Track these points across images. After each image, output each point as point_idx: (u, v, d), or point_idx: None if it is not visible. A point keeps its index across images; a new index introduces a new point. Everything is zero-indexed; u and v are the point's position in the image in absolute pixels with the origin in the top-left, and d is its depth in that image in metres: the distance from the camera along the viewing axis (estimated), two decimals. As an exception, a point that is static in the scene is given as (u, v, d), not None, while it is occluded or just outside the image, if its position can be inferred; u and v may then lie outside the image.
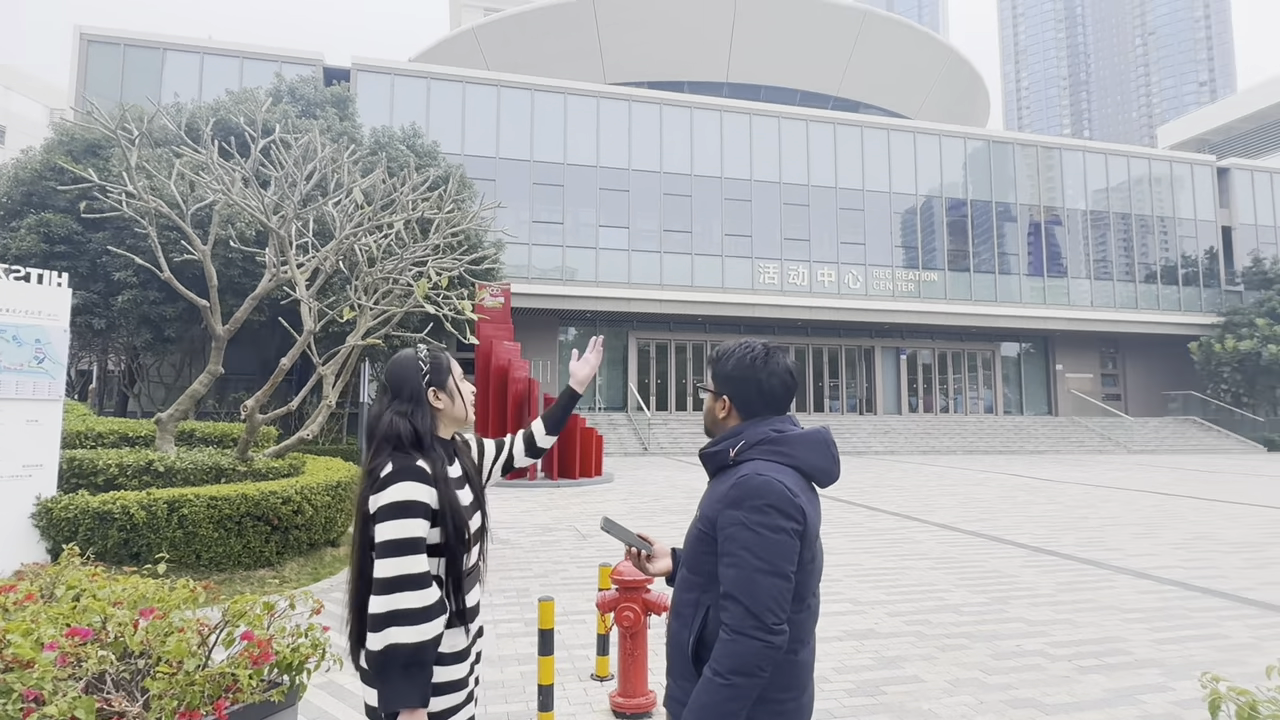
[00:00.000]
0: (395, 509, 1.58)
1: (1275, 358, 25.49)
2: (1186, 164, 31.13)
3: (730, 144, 25.56)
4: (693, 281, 24.60)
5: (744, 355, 1.60)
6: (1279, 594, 5.65)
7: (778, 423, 1.56)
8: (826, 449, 1.53)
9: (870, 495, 11.96)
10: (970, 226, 27.69)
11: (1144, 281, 29.47)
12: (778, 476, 1.43)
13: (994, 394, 29.93)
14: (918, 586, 5.82)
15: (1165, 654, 4.25)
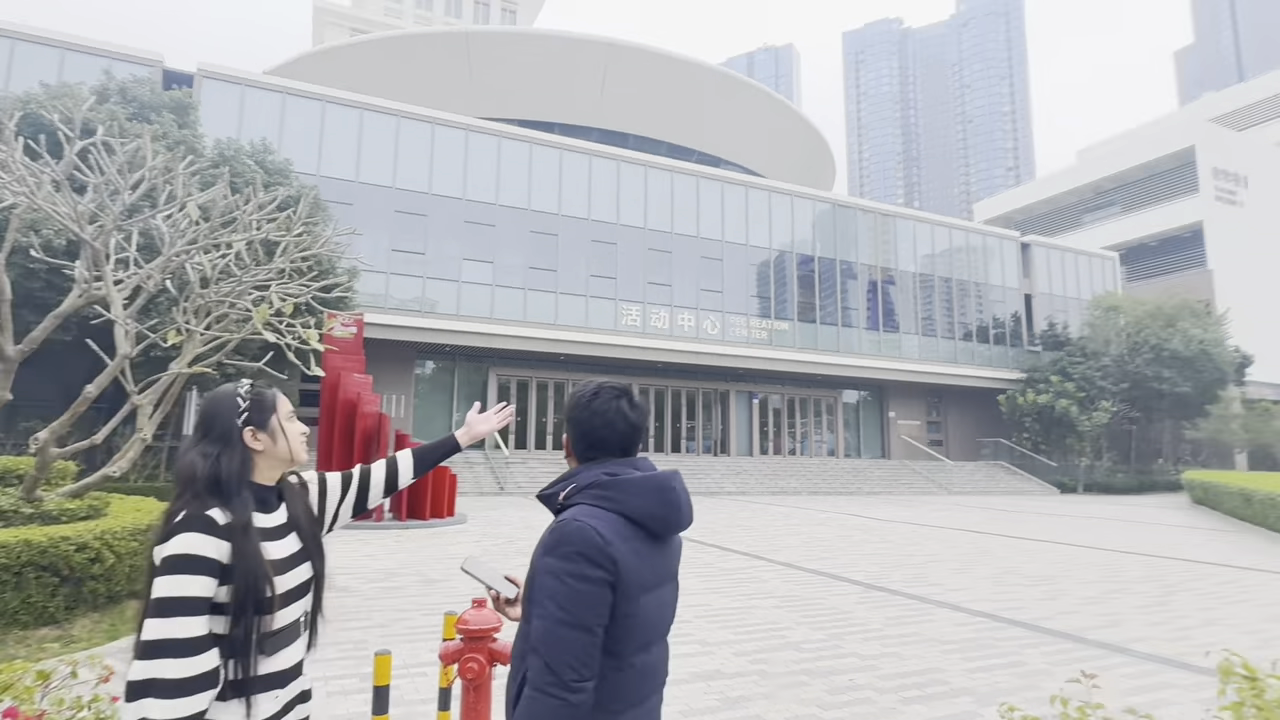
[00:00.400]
0: (173, 563, 1.42)
1: (1065, 410, 29.15)
2: (997, 238, 35.37)
3: (598, 187, 26.08)
4: (556, 320, 24.62)
5: (577, 396, 1.58)
6: (1067, 623, 6.36)
7: (614, 466, 1.50)
8: (661, 495, 1.45)
9: (722, 535, 12.31)
10: (817, 282, 29.78)
11: (963, 339, 32.88)
12: (593, 523, 1.37)
13: (836, 438, 32.01)
14: (762, 625, 6.02)
15: (976, 682, 4.64)
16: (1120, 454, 33.26)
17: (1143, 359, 30.47)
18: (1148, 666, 5.06)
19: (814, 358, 28.66)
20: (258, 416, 1.65)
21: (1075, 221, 55.31)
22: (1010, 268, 34.98)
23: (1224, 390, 31.72)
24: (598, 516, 1.39)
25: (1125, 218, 51.35)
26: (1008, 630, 6.05)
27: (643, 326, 25.82)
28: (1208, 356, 30.14)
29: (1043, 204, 58.74)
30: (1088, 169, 56.27)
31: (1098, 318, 33.36)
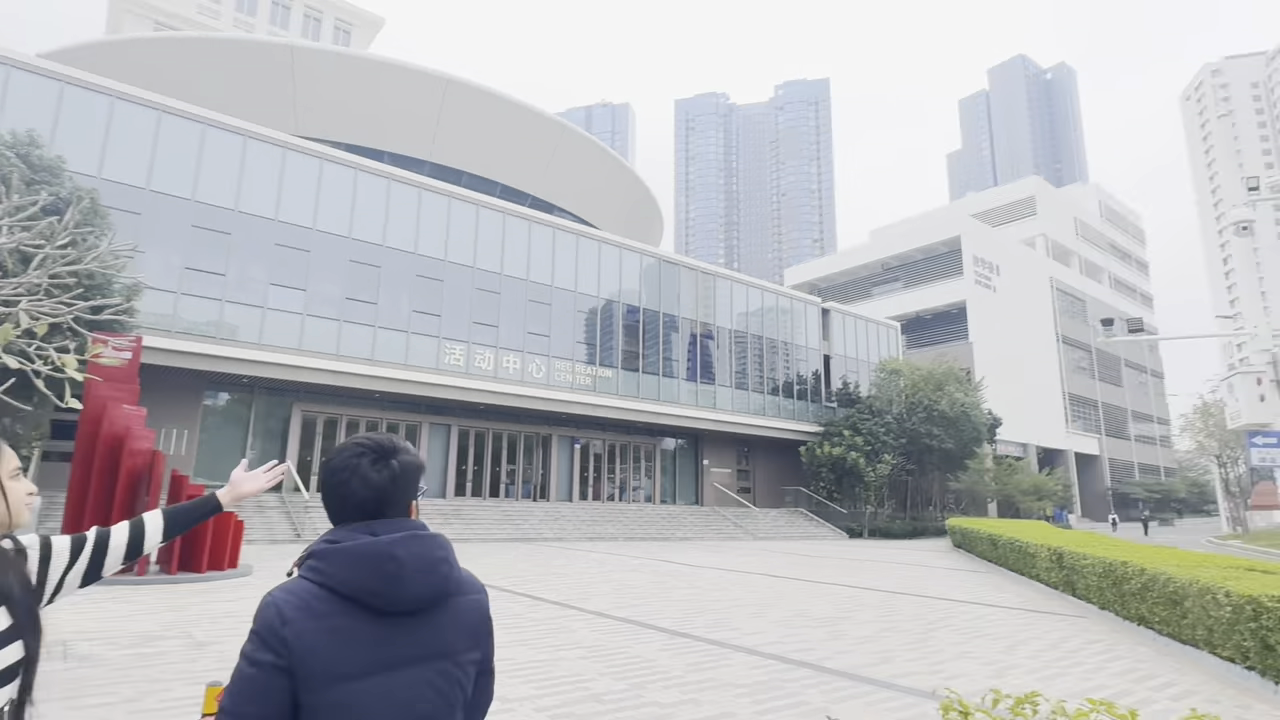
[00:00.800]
0: None
1: (855, 462, 32.17)
2: (803, 302, 38.77)
3: (427, 222, 25.38)
4: (374, 355, 23.35)
5: (329, 460, 1.45)
6: (845, 661, 6.93)
7: (344, 532, 1.36)
8: (376, 565, 1.28)
9: (534, 584, 12.11)
10: (642, 332, 30.82)
11: (771, 394, 35.39)
12: (283, 598, 1.25)
13: (653, 484, 32.91)
14: (567, 678, 5.98)
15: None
16: (899, 502, 37.16)
17: (918, 418, 34.50)
18: (909, 699, 5.63)
19: (636, 405, 29.44)
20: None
21: (867, 292, 62.11)
22: (813, 330, 38.41)
23: (980, 447, 36.66)
24: (294, 591, 1.26)
25: (906, 292, 58.51)
26: (794, 671, 6.47)
27: (466, 367, 25.19)
28: (968, 418, 34.78)
29: (841, 275, 65.34)
30: (878, 247, 63.70)
31: (883, 379, 37.44)
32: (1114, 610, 9.51)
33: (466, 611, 1.41)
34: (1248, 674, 6.36)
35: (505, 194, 33.77)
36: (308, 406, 24.11)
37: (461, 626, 1.39)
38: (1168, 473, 72.61)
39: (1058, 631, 8.82)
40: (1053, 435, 56.84)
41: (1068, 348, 62.77)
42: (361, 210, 23.98)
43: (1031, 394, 54.40)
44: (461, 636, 1.39)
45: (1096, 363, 66.73)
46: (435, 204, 25.71)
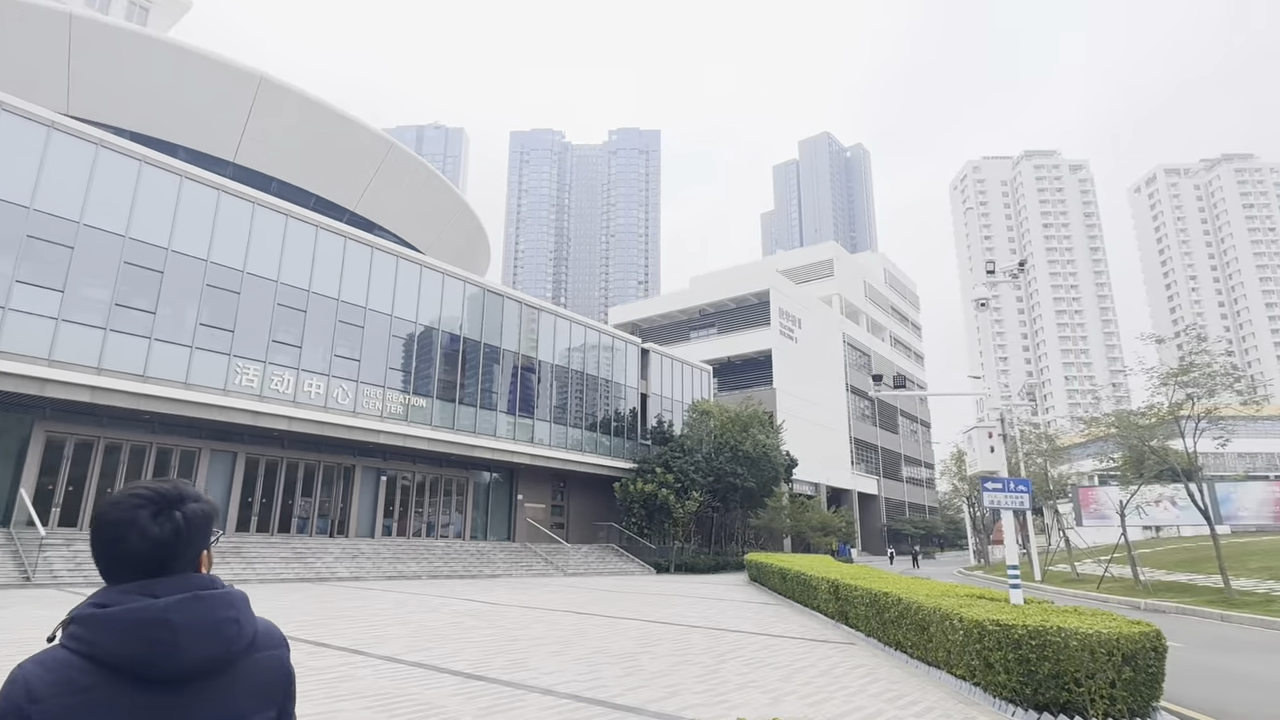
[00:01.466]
0: None
1: (665, 499, 33.27)
2: (624, 342, 39.85)
3: (226, 228, 23.13)
4: (146, 371, 20.65)
5: (100, 508, 1.32)
6: (636, 697, 7.07)
7: (115, 594, 1.23)
8: (145, 632, 1.18)
9: (319, 629, 11.18)
10: (461, 361, 30.00)
11: (588, 429, 35.79)
12: (33, 673, 1.13)
13: (465, 519, 31.81)
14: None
15: (548, 766, 4.86)
16: (704, 538, 38.85)
17: (724, 457, 36.48)
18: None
19: (451, 437, 28.45)
20: None
21: (685, 335, 65.22)
22: (632, 369, 39.53)
23: (778, 486, 39.42)
24: (49, 665, 1.14)
25: (720, 338, 62.20)
26: (588, 709, 6.50)
27: (261, 389, 23.02)
28: (769, 458, 37.35)
29: (662, 317, 68.14)
30: (697, 293, 67.33)
31: (694, 420, 39.26)
32: (877, 637, 10.57)
33: (260, 670, 1.32)
34: (974, 689, 7.34)
35: (320, 207, 31.71)
36: (55, 427, 20.76)
37: (253, 688, 1.29)
38: (931, 511, 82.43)
39: (830, 659, 9.62)
40: (840, 476, 62.54)
41: (854, 397, 69.71)
42: (144, 207, 21.36)
43: (823, 437, 59.71)
44: (252, 699, 1.28)
45: (878, 412, 74.69)
46: (237, 209, 23.54)
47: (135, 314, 20.75)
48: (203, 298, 22.27)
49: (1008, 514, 9.74)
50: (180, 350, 21.55)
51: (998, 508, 9.52)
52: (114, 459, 22.03)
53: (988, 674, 6.95)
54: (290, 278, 24.51)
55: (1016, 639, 6.52)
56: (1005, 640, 6.63)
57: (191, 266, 22.13)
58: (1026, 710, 6.48)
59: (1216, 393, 15.89)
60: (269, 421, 23.12)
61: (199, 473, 23.62)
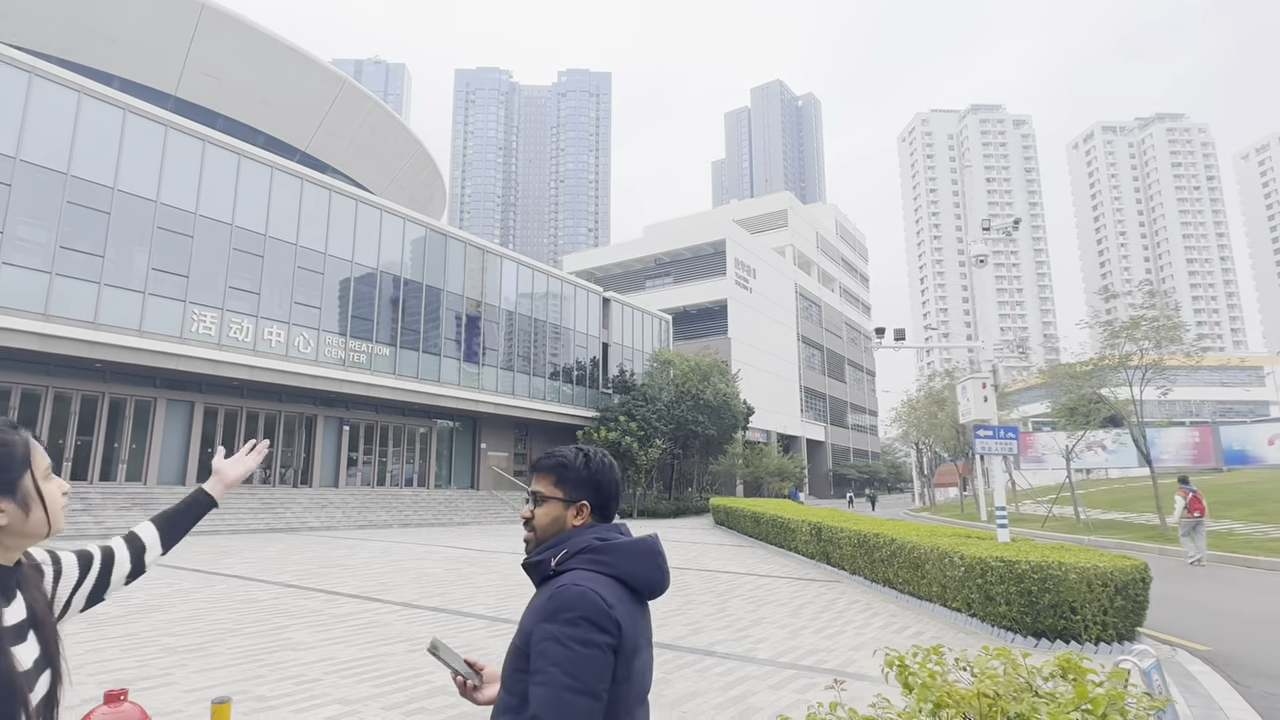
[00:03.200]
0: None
1: (629, 446, 33.79)
2: (585, 290, 39.64)
3: (175, 167, 21.90)
4: (96, 318, 19.70)
5: (592, 458, 1.61)
6: (667, 635, 7.42)
7: (603, 530, 1.53)
8: (653, 559, 1.50)
9: (322, 578, 11.22)
10: (422, 309, 29.43)
11: (550, 378, 35.81)
12: (594, 587, 1.37)
13: (428, 468, 31.74)
14: (403, 673, 5.72)
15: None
16: (664, 484, 39.72)
17: (686, 405, 37.09)
18: (730, 664, 6.23)
19: (414, 385, 28.11)
20: (3, 477, 1.17)
21: (640, 285, 65.14)
22: (594, 318, 39.48)
23: (737, 434, 40.38)
24: (594, 581, 1.39)
25: (676, 287, 62.34)
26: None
27: (219, 338, 22.24)
28: (729, 406, 38.14)
29: (617, 266, 67.77)
30: (651, 242, 67.04)
31: (655, 369, 39.65)
32: (864, 575, 11.20)
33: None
34: (970, 619, 7.94)
35: (270, 146, 30.18)
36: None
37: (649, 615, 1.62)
38: (874, 456, 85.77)
39: (825, 596, 10.19)
40: (790, 423, 64.30)
41: (805, 346, 71.25)
42: (86, 143, 20.04)
43: (776, 386, 61.11)
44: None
45: (826, 361, 76.61)
46: (185, 147, 22.28)
47: (82, 257, 19.65)
48: (154, 241, 21.19)
49: (997, 459, 10.39)
50: (132, 296, 20.58)
51: (988, 453, 10.14)
52: (64, 409, 21.15)
53: (987, 606, 7.51)
54: (246, 221, 23.48)
55: (1020, 573, 7.07)
56: (1009, 575, 7.17)
57: (140, 208, 20.97)
58: (1025, 637, 7.08)
59: (1164, 345, 16.96)
60: (229, 371, 22.44)
61: (155, 423, 22.88)
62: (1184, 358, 17.20)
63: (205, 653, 6.30)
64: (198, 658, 6.11)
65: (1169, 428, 38.71)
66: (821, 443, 71.85)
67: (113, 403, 22.14)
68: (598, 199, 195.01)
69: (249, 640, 6.79)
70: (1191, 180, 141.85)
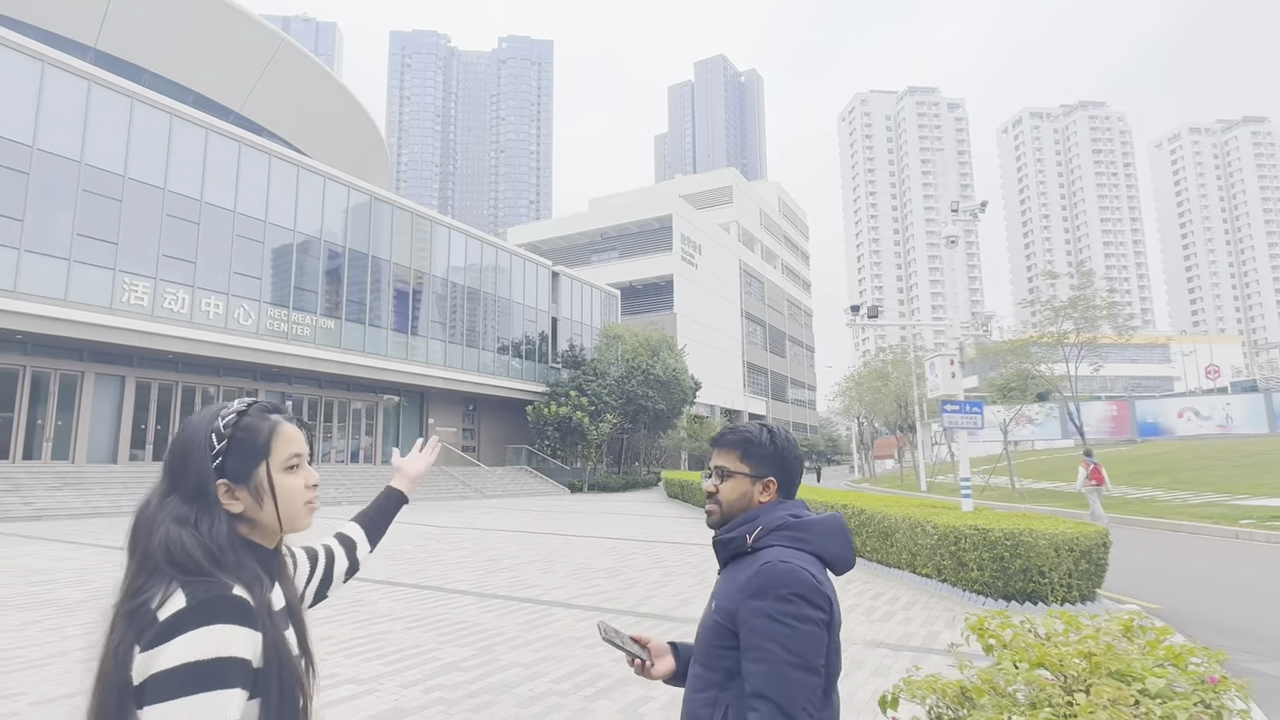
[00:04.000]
0: (195, 675, 0.90)
1: (580, 421, 33.80)
2: (534, 264, 39.14)
3: (100, 126, 20.51)
4: (16, 286, 18.43)
5: (777, 436, 1.59)
6: (656, 606, 7.56)
7: (792, 507, 1.53)
8: (844, 535, 1.51)
9: (287, 557, 10.92)
10: (368, 280, 28.56)
11: (499, 353, 35.38)
12: (801, 564, 1.38)
13: (375, 443, 31.07)
14: (408, 651, 5.67)
15: (630, 671, 5.23)
16: (614, 458, 39.95)
17: (636, 380, 37.26)
18: (728, 633, 6.39)
19: (358, 359, 27.36)
20: (237, 461, 1.10)
21: (586, 259, 64.66)
22: (543, 292, 39.08)
23: (686, 408, 40.84)
24: (799, 558, 1.40)
25: (622, 262, 62.17)
26: (620, 620, 6.90)
27: (152, 308, 21.11)
28: (678, 381, 38.49)
29: (562, 239, 67.12)
30: (596, 216, 66.59)
31: (605, 343, 39.62)
32: (829, 544, 11.58)
33: None
34: (941, 584, 8.34)
35: (202, 106, 28.53)
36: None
37: None
38: (812, 430, 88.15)
39: (796, 564, 10.51)
40: (734, 398, 65.38)
41: (748, 322, 72.31)
42: (0, 96, 18.54)
43: (720, 361, 61.92)
44: None
45: (768, 337, 77.99)
46: (112, 104, 20.87)
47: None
48: (79, 205, 19.86)
49: (962, 433, 10.87)
50: (56, 263, 19.31)
51: (955, 427, 10.60)
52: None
53: (960, 571, 7.91)
54: (179, 186, 22.23)
55: (993, 541, 7.46)
56: (982, 542, 7.56)
57: (63, 168, 19.60)
58: (996, 600, 7.49)
59: (1098, 324, 17.94)
60: (162, 343, 21.36)
61: (83, 398, 21.64)
62: (1115, 335, 18.24)
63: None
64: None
65: (1090, 402, 41.06)
66: (763, 417, 73.37)
67: (35, 377, 20.82)
68: (539, 170, 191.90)
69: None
70: (1110, 166, 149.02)
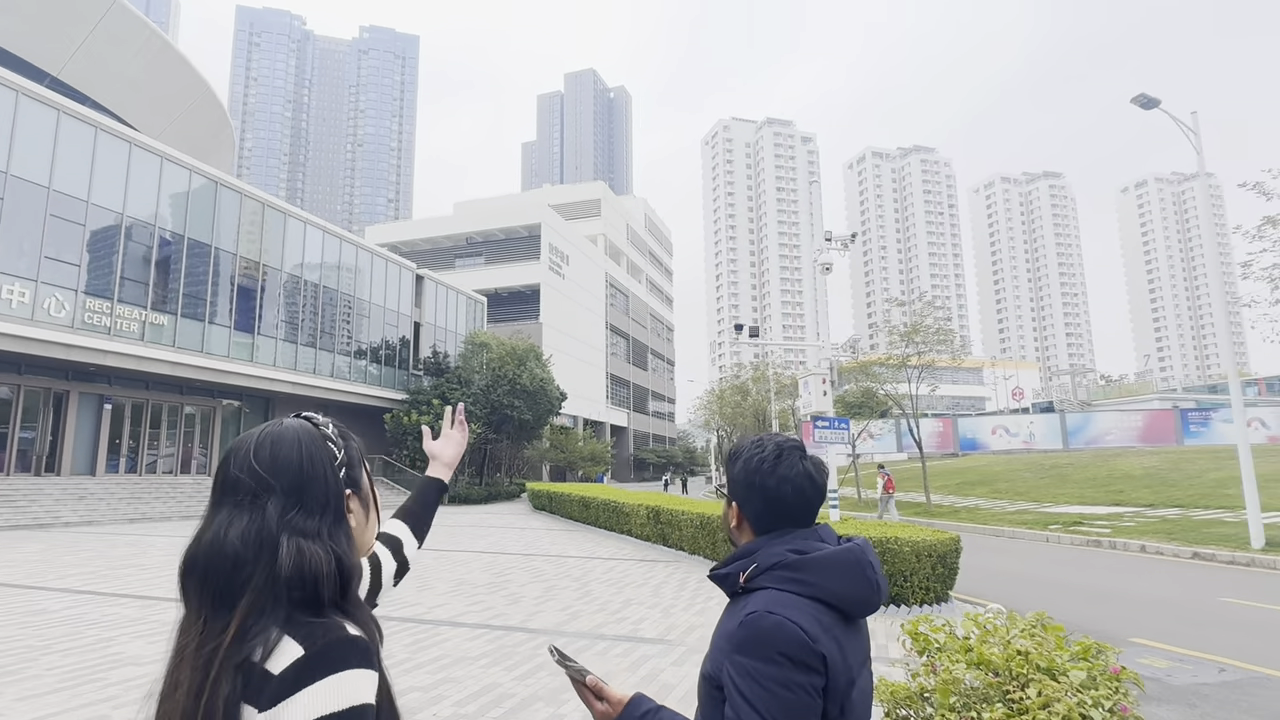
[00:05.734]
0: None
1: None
2: (396, 265, 37.48)
3: (-124, 75, 17.42)
4: None
5: (752, 456, 1.36)
6: (546, 621, 7.45)
7: (799, 540, 1.30)
8: (861, 572, 1.26)
9: (117, 580, 9.73)
10: (210, 274, 26.11)
11: (357, 357, 33.51)
12: (791, 616, 1.17)
13: (209, 453, 28.35)
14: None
15: (533, 689, 5.13)
16: (476, 469, 38.90)
17: (502, 390, 36.55)
18: (624, 645, 6.43)
19: (195, 360, 24.89)
20: (354, 472, 1.05)
21: (450, 263, 62.81)
22: (405, 295, 37.49)
23: (552, 419, 40.57)
24: (793, 606, 1.19)
25: (489, 269, 60.99)
26: (512, 636, 6.75)
27: (-63, 293, 18.14)
28: (545, 391, 38.17)
29: (425, 241, 64.85)
30: (463, 220, 65.00)
31: (470, 351, 38.61)
32: (704, 554, 11.95)
33: None
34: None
35: (11, 64, 24.97)
36: None
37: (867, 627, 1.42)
38: (671, 442, 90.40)
39: (676, 576, 10.74)
40: (597, 409, 65.78)
41: (612, 334, 73.17)
42: None
43: (584, 373, 62.15)
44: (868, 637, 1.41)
45: (631, 350, 79.28)
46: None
47: None
48: None
49: (830, 446, 11.60)
50: None
51: (825, 443, 11.31)
52: None
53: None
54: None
55: (864, 548, 8.01)
56: (853, 550, 8.10)
57: None
58: (865, 604, 8.05)
59: (935, 349, 19.86)
60: (-51, 334, 18.40)
61: None
62: (951, 359, 20.26)
63: (18, 677, 5.27)
64: (12, 683, 5.10)
65: (921, 419, 45.16)
66: (625, 428, 74.32)
67: None
68: (400, 169, 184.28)
69: (71, 659, 5.78)
70: (938, 206, 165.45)
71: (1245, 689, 5.33)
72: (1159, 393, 64.50)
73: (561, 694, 4.97)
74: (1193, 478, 19.94)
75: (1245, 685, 5.42)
